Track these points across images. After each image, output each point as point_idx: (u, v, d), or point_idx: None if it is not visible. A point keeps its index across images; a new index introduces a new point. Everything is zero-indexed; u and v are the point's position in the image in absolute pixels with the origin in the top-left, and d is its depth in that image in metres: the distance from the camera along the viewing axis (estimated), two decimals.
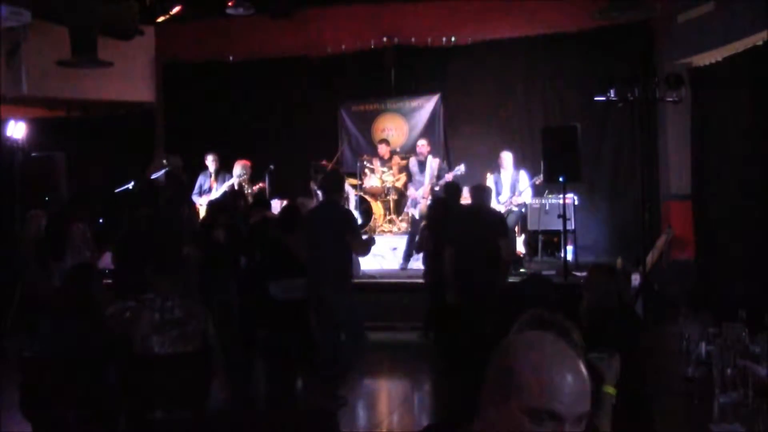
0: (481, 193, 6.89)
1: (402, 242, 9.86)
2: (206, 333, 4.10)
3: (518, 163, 9.82)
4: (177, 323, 4.03)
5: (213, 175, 10.22)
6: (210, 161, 10.25)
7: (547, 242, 10.25)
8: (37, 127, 11.87)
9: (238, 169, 10.01)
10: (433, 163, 10.11)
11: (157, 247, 5.90)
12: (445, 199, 7.89)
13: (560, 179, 8.66)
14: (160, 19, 11.47)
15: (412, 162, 10.33)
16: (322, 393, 5.81)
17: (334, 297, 5.84)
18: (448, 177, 9.67)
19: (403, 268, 9.57)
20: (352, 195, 10.24)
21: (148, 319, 4.00)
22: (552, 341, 1.54)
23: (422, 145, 10.28)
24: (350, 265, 6.25)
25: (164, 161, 8.95)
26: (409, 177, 10.37)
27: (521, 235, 9.85)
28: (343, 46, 11.61)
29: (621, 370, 2.41)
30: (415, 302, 8.02)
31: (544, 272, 8.58)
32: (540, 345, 1.52)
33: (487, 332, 5.18)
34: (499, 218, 7.03)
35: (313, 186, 10.32)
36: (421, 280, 7.81)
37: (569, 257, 9.12)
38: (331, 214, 6.02)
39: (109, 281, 6.35)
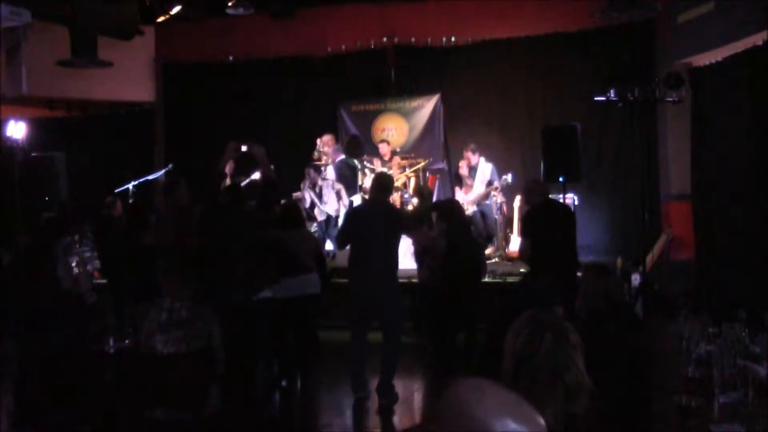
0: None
1: (401, 242, 9.82)
2: (211, 335, 4.11)
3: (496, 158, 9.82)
4: (182, 324, 4.04)
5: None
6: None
7: None
8: (37, 127, 11.87)
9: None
10: (485, 169, 10.06)
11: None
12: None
13: (560, 179, 8.66)
14: (160, 19, 11.48)
15: (463, 166, 10.30)
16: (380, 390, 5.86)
17: (386, 296, 5.89)
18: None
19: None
20: (344, 195, 10.19)
21: (154, 317, 4.02)
22: (500, 390, 1.37)
23: (472, 150, 10.23)
24: (397, 265, 6.21)
25: (243, 148, 8.46)
26: (459, 181, 10.35)
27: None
28: (343, 46, 11.61)
29: (620, 370, 2.40)
30: (415, 302, 8.00)
31: None
32: (507, 405, 1.33)
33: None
34: (572, 212, 7.01)
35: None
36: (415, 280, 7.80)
37: None
38: (383, 213, 6.02)
39: None
